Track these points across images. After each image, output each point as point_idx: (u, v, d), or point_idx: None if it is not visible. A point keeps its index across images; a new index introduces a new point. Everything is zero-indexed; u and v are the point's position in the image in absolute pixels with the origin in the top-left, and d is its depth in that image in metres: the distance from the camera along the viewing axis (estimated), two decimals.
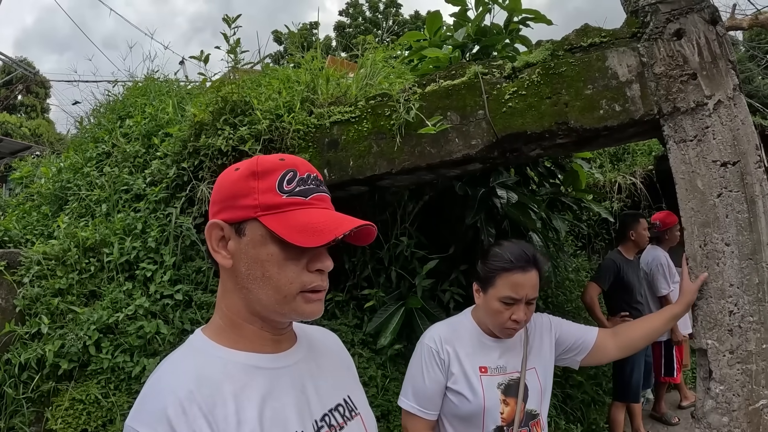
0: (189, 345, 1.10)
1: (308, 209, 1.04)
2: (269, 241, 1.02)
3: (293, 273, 1.03)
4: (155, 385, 1.00)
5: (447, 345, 1.90)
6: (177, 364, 1.05)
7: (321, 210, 1.06)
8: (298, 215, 1.02)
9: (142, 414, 0.96)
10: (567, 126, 2.41)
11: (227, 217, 1.06)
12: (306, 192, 1.06)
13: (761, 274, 2.06)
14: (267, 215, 1.02)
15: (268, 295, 1.04)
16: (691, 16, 2.25)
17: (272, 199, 1.03)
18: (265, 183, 1.04)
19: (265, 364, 1.07)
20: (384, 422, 3.20)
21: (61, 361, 2.89)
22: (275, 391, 1.05)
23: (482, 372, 1.87)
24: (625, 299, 4.52)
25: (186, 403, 0.94)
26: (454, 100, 2.61)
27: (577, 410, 4.65)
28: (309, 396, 1.11)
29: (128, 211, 3.56)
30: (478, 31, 3.56)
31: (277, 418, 1.02)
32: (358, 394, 1.26)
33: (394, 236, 3.52)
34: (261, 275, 1.03)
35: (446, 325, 2.01)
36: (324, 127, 2.88)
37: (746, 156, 2.13)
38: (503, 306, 1.82)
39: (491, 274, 1.85)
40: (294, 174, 1.06)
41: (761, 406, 2.04)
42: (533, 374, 1.94)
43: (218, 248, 1.08)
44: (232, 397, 0.99)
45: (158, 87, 4.79)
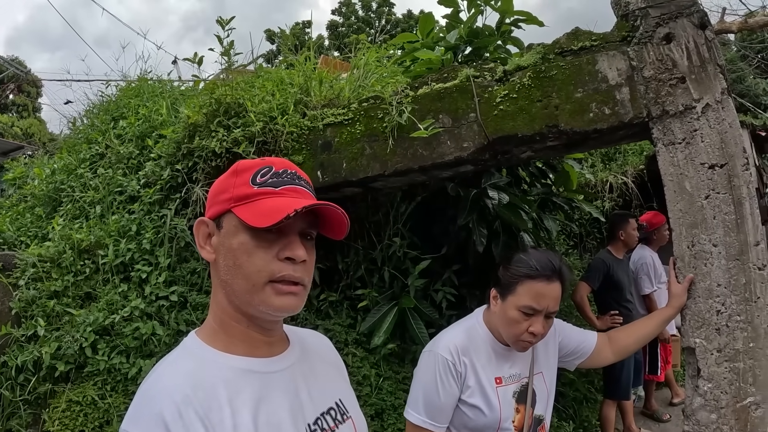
0: (183, 348, 1.11)
1: (276, 197, 1.07)
2: (240, 230, 1.06)
3: (262, 261, 1.04)
4: (151, 389, 1.01)
5: (464, 356, 1.79)
6: (172, 368, 1.05)
7: (289, 198, 1.08)
8: (265, 202, 1.06)
9: (138, 418, 0.96)
10: (557, 129, 2.43)
11: (210, 214, 1.12)
12: (277, 183, 1.09)
13: (748, 274, 2.09)
14: (238, 205, 1.07)
15: (239, 285, 1.06)
16: (681, 21, 2.27)
17: (244, 191, 1.08)
18: (241, 178, 1.10)
19: (259, 368, 1.09)
20: (378, 421, 3.23)
21: (58, 363, 2.91)
22: (269, 395, 1.07)
23: (498, 383, 1.81)
24: (614, 298, 4.57)
25: (182, 407, 0.95)
26: (446, 102, 2.64)
27: (569, 408, 4.68)
28: (302, 399, 1.12)
29: (122, 212, 3.57)
30: (471, 32, 3.59)
31: (271, 422, 1.03)
32: (349, 398, 1.27)
33: (387, 237, 3.55)
34: (233, 264, 1.06)
35: (461, 333, 1.87)
36: (317, 129, 2.90)
37: (734, 159, 2.15)
38: (522, 316, 1.73)
39: (513, 281, 1.76)
40: (269, 169, 1.11)
41: (749, 403, 2.07)
42: (540, 379, 1.91)
43: (204, 244, 1.13)
44: (227, 402, 1.00)
45: (152, 88, 4.79)
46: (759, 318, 2.07)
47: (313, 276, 3.50)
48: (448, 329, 1.96)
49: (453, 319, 3.62)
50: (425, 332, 3.42)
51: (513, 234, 3.68)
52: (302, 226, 1.09)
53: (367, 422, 3.12)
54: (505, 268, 1.81)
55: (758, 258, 2.09)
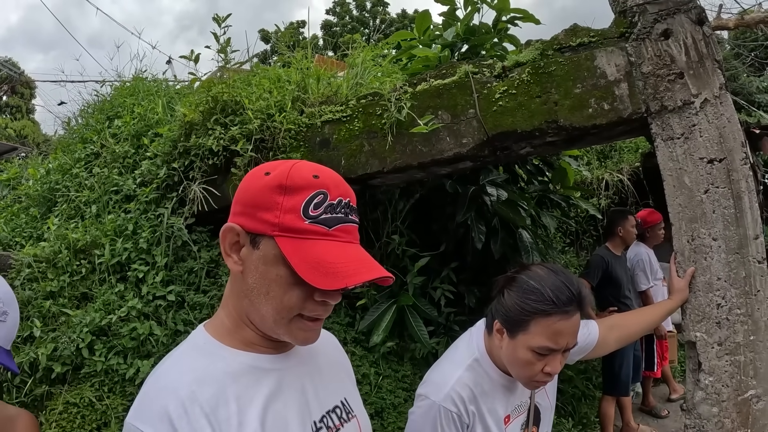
0: (192, 342, 1.09)
1: (329, 241, 0.99)
2: (281, 262, 0.98)
3: (297, 299, 1.00)
4: (157, 383, 1.00)
5: (471, 405, 1.55)
6: (179, 363, 1.04)
7: (342, 245, 1.00)
8: (316, 246, 0.97)
9: (143, 412, 0.96)
10: (556, 124, 2.44)
11: (245, 224, 1.02)
12: (330, 221, 0.99)
13: (748, 267, 2.11)
14: (284, 237, 0.98)
15: (267, 312, 1.02)
16: (679, 17, 2.28)
17: (293, 222, 0.98)
18: (291, 201, 0.98)
19: (267, 365, 1.07)
20: (378, 420, 3.21)
21: (54, 365, 2.87)
22: (277, 392, 1.06)
23: (506, 422, 1.61)
24: (613, 294, 4.60)
25: (188, 402, 0.94)
26: (444, 99, 2.63)
27: (568, 405, 4.69)
28: (308, 397, 1.11)
29: (118, 212, 3.54)
30: (467, 30, 3.59)
31: (278, 420, 1.02)
32: (354, 397, 1.26)
33: (385, 234, 3.54)
34: (266, 292, 1.01)
35: (466, 377, 1.58)
36: (315, 126, 2.89)
37: (732, 153, 2.17)
38: (536, 357, 1.46)
39: (524, 317, 1.46)
40: (324, 197, 0.99)
41: (750, 396, 2.09)
42: (543, 395, 1.76)
43: (230, 252, 1.04)
44: (234, 398, 0.99)
45: (147, 87, 4.76)
46: (759, 311, 2.09)
47: None
48: (447, 365, 1.66)
49: (451, 317, 3.66)
50: (424, 330, 3.42)
51: (511, 231, 3.68)
52: None
53: None
54: (512, 297, 1.51)
55: (758, 251, 2.11)
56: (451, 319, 3.65)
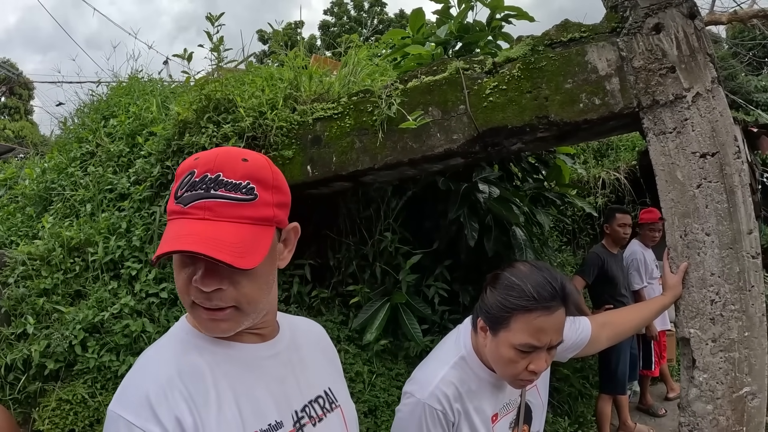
0: (173, 332, 1.11)
1: (181, 219, 0.97)
2: None
3: (181, 283, 1.00)
4: (138, 372, 1.03)
5: (456, 403, 1.52)
6: (160, 352, 1.06)
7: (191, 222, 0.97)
8: (171, 226, 0.99)
9: (125, 399, 0.97)
10: (547, 120, 2.43)
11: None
12: (186, 199, 0.97)
13: (742, 262, 2.08)
14: (168, 221, 1.01)
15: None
16: (670, 11, 2.26)
17: (170, 205, 1.01)
18: (174, 186, 1.02)
19: (246, 354, 1.08)
20: (371, 417, 3.21)
21: (48, 362, 2.88)
22: (256, 381, 1.07)
23: (494, 421, 1.58)
24: (609, 292, 4.60)
25: (167, 389, 0.96)
26: (435, 95, 2.63)
27: (565, 403, 4.68)
28: (289, 387, 1.12)
29: (113, 210, 3.55)
30: (461, 28, 3.59)
31: (255, 408, 1.03)
32: (339, 387, 1.27)
33: (378, 232, 3.54)
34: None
35: (451, 374, 1.56)
36: (307, 123, 2.89)
37: (725, 147, 2.14)
38: (519, 354, 1.44)
39: (505, 314, 1.44)
40: (190, 176, 0.98)
41: (745, 393, 2.06)
42: (534, 392, 1.73)
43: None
44: (212, 385, 1.00)
45: (142, 86, 4.77)
46: (754, 307, 2.07)
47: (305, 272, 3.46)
48: (434, 364, 1.64)
49: (446, 315, 3.66)
50: (418, 328, 3.41)
51: (505, 228, 3.68)
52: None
53: (361, 419, 3.11)
54: (494, 293, 1.49)
55: (752, 246, 2.09)
56: (445, 317, 3.65)
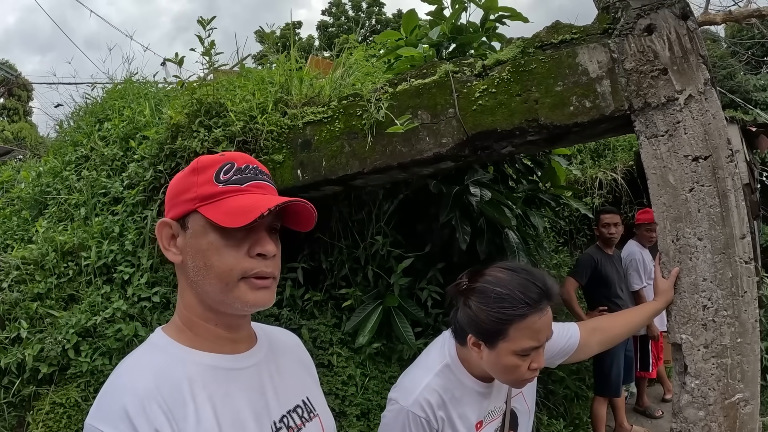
0: (150, 343, 1.11)
1: (243, 195, 1.06)
2: (209, 230, 1.05)
3: (233, 259, 1.04)
4: (115, 383, 1.01)
5: (440, 411, 1.54)
6: (137, 362, 1.06)
7: (256, 195, 1.07)
8: (232, 201, 1.05)
9: (102, 412, 0.96)
10: (537, 123, 2.41)
11: (173, 215, 1.10)
12: (242, 180, 1.08)
13: (734, 268, 2.06)
14: (204, 205, 1.05)
15: (212, 285, 1.05)
16: (662, 12, 2.23)
17: (209, 190, 1.06)
18: (204, 176, 1.08)
19: (224, 365, 1.09)
20: (364, 420, 3.21)
21: (41, 365, 2.90)
22: (234, 391, 1.07)
23: (478, 429, 1.60)
24: (603, 293, 4.59)
25: (146, 401, 0.95)
26: (424, 98, 2.62)
27: (560, 405, 4.67)
28: (268, 397, 1.12)
29: (106, 214, 3.56)
30: (454, 29, 3.57)
31: (235, 419, 1.04)
32: (317, 396, 1.28)
33: (370, 235, 3.53)
34: (203, 265, 1.05)
35: (435, 383, 1.58)
36: (297, 127, 2.89)
37: (718, 150, 2.11)
38: (521, 359, 1.46)
39: (501, 326, 1.44)
40: (231, 165, 1.09)
41: (737, 400, 2.04)
42: (521, 399, 1.74)
43: (169, 246, 1.11)
44: (191, 397, 1.00)
45: (136, 89, 4.78)
46: (746, 312, 2.05)
47: (298, 275, 3.49)
48: (418, 372, 1.64)
49: (439, 318, 3.65)
50: (410, 331, 3.41)
51: (498, 231, 3.67)
52: (269, 220, 1.09)
53: (353, 422, 3.12)
54: (483, 309, 1.47)
55: (744, 251, 2.06)
56: (438, 320, 3.64)
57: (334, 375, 3.25)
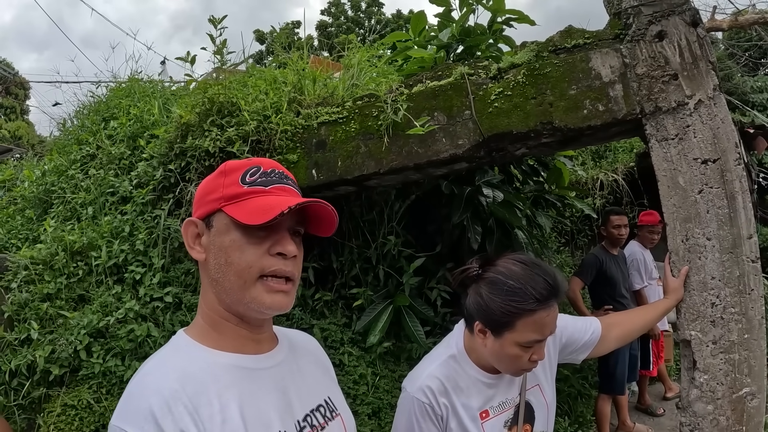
0: (173, 345, 1.13)
1: (267, 196, 1.11)
2: (232, 228, 1.09)
3: (253, 256, 1.07)
4: (140, 384, 1.02)
5: (442, 398, 1.61)
6: (162, 364, 1.07)
7: (280, 196, 1.11)
8: (255, 201, 1.09)
9: (127, 413, 0.97)
10: (552, 126, 2.45)
11: (199, 214, 1.14)
12: (267, 182, 1.12)
13: (741, 266, 2.12)
14: (229, 204, 1.10)
15: (231, 282, 1.08)
16: (673, 19, 2.29)
17: (234, 190, 1.11)
18: (230, 178, 1.13)
19: (248, 365, 1.11)
20: (375, 419, 3.23)
21: (52, 367, 2.86)
22: (258, 391, 1.08)
23: (483, 418, 1.63)
24: (608, 293, 4.64)
25: (171, 401, 0.96)
26: (440, 100, 2.64)
27: (564, 404, 4.72)
28: (291, 397, 1.14)
29: (115, 213, 3.53)
30: (463, 31, 3.60)
31: (260, 418, 1.05)
32: (337, 395, 1.30)
33: (381, 235, 3.55)
34: (224, 261, 1.08)
35: (439, 370, 1.65)
36: (311, 127, 2.90)
37: (726, 153, 2.17)
38: (524, 350, 1.53)
39: (510, 318, 1.51)
40: (257, 169, 1.14)
41: (744, 394, 2.10)
42: (537, 392, 1.77)
43: (193, 244, 1.14)
44: (216, 397, 1.01)
45: (142, 88, 4.76)
46: (753, 310, 2.10)
47: (308, 275, 3.50)
48: (426, 360, 1.74)
49: (448, 317, 3.67)
50: (421, 330, 3.43)
51: (507, 231, 3.70)
52: (291, 223, 1.13)
53: (365, 421, 3.14)
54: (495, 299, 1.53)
55: (751, 250, 2.12)
56: (447, 319, 3.66)
57: (345, 374, 3.26)
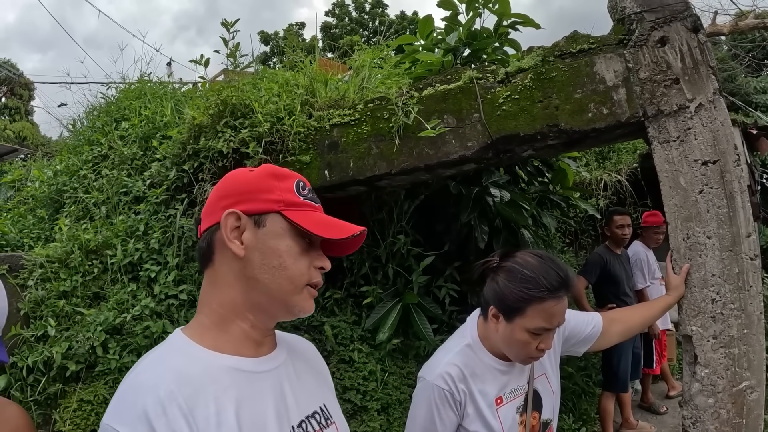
0: (170, 344, 1.10)
1: (318, 212, 1.18)
2: (288, 234, 1.10)
3: (305, 266, 1.12)
4: (134, 383, 0.99)
5: (461, 384, 1.68)
6: (157, 363, 1.04)
7: (327, 216, 1.18)
8: (314, 214, 1.15)
9: (120, 412, 0.95)
10: (557, 128, 2.52)
11: (247, 209, 1.10)
12: (314, 200, 1.19)
13: (741, 264, 2.18)
14: (290, 210, 1.12)
15: (280, 285, 1.09)
16: (675, 25, 2.34)
17: (293, 198, 1.13)
18: (285, 184, 1.14)
19: (246, 367, 1.09)
20: (384, 415, 3.29)
21: (69, 363, 2.90)
22: (255, 394, 1.07)
23: (498, 404, 1.71)
24: (612, 291, 4.68)
25: (166, 402, 0.94)
26: (450, 103, 2.72)
27: (569, 401, 4.77)
28: (288, 401, 1.12)
29: (128, 213, 3.59)
30: (469, 35, 3.67)
31: (256, 422, 1.03)
32: (332, 403, 1.29)
33: (390, 234, 3.62)
34: (278, 265, 1.09)
35: (457, 358, 1.73)
36: (324, 129, 2.97)
37: (725, 155, 2.23)
38: (532, 337, 1.62)
39: (522, 304, 1.60)
40: (304, 183, 1.19)
41: (744, 387, 2.15)
42: (544, 380, 1.85)
43: (232, 237, 1.09)
44: (212, 399, 0.99)
45: (153, 90, 4.81)
46: (752, 305, 2.16)
47: None
48: (441, 351, 1.81)
49: (455, 315, 3.74)
50: (429, 328, 3.50)
51: (513, 231, 3.76)
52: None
53: (374, 417, 3.20)
54: (510, 285, 1.63)
55: (750, 248, 2.18)
56: (454, 317, 3.72)
57: (355, 371, 3.32)
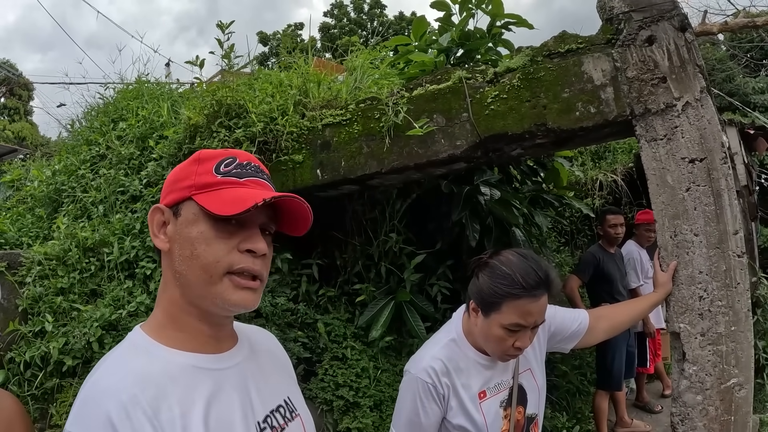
0: (129, 343, 1.06)
1: (240, 188, 1.05)
2: (201, 219, 1.02)
3: (221, 251, 1.01)
4: (95, 387, 0.96)
5: (444, 378, 1.71)
6: (118, 365, 1.00)
7: (253, 189, 1.06)
8: (229, 192, 1.03)
9: (83, 419, 0.92)
10: (545, 127, 2.55)
11: (167, 201, 1.07)
12: (241, 174, 1.07)
13: (728, 261, 2.20)
14: (200, 193, 1.04)
15: (196, 276, 1.02)
16: (662, 24, 2.37)
17: (207, 179, 1.05)
18: (204, 167, 1.06)
19: (208, 365, 1.06)
20: (377, 411, 3.32)
21: (66, 358, 2.95)
22: (219, 393, 1.04)
23: (482, 398, 1.74)
24: (606, 290, 4.70)
25: (129, 407, 0.91)
26: (439, 103, 2.76)
27: (563, 400, 4.79)
28: (252, 397, 1.10)
29: (126, 211, 3.64)
30: (462, 35, 3.70)
31: (222, 421, 1.01)
32: (296, 395, 1.26)
33: (383, 233, 3.65)
34: (190, 254, 1.02)
35: (440, 352, 1.76)
36: (316, 129, 3.01)
37: (712, 153, 2.26)
38: (508, 333, 1.63)
39: (497, 299, 1.63)
40: (233, 160, 1.08)
41: (732, 384, 2.17)
42: (529, 376, 1.87)
43: (158, 232, 1.07)
44: (176, 401, 0.96)
45: (150, 90, 4.86)
46: (739, 302, 2.18)
47: (313, 272, 3.58)
48: (426, 346, 1.85)
49: (448, 313, 3.75)
50: (421, 325, 3.53)
51: (505, 229, 3.79)
52: (263, 219, 1.07)
53: (366, 413, 3.24)
54: (487, 280, 1.66)
55: (737, 246, 2.20)
56: (447, 315, 3.73)
57: (348, 368, 3.36)
